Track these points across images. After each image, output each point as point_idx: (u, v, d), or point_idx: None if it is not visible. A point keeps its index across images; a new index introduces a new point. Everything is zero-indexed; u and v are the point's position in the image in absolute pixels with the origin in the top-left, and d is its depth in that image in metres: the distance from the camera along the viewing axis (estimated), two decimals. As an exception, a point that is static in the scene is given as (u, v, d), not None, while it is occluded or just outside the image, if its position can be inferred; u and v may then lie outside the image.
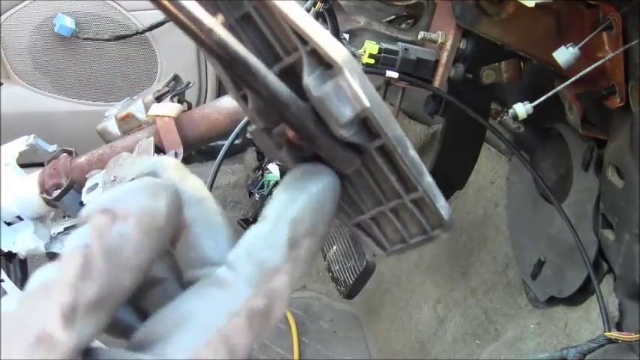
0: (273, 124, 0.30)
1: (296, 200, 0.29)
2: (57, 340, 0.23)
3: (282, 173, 1.73)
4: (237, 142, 2.04)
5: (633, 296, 1.00)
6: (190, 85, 1.44)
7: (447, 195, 1.37)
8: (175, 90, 1.39)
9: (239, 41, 0.27)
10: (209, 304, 0.26)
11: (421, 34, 1.02)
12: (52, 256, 1.42)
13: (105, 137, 1.39)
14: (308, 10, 1.14)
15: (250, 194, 2.05)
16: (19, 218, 1.40)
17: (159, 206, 0.26)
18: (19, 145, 1.41)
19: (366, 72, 0.38)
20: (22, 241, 1.40)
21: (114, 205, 0.26)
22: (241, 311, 0.26)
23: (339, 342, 1.86)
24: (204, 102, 2.05)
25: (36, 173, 1.41)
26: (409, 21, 1.26)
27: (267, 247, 0.28)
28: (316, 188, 0.29)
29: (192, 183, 0.30)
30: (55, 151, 1.44)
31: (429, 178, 0.32)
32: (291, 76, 0.29)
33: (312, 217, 0.29)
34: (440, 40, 1.01)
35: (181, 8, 0.25)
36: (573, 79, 0.90)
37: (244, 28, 0.30)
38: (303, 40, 0.28)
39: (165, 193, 0.27)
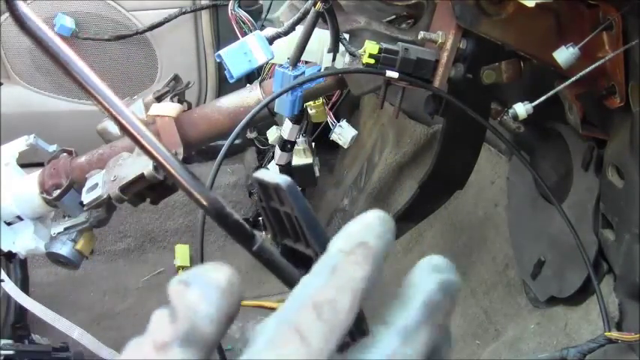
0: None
1: None
2: None
3: (282, 173, 1.73)
4: (237, 142, 2.04)
5: (633, 296, 1.00)
6: (190, 85, 1.44)
7: (447, 195, 1.37)
8: (175, 90, 1.39)
9: None
10: None
11: (421, 34, 1.01)
12: (52, 257, 1.42)
13: (105, 137, 1.39)
14: (308, 11, 1.14)
15: (250, 194, 2.06)
16: (19, 218, 1.40)
17: None
18: (19, 145, 1.41)
19: (366, 72, 0.40)
20: (22, 241, 1.40)
21: None
22: None
23: (339, 342, 1.86)
24: (204, 102, 2.05)
25: (36, 173, 1.41)
26: (409, 21, 1.26)
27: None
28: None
29: None
30: (55, 151, 1.44)
31: None
32: None
33: None
34: (440, 40, 1.01)
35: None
36: (573, 79, 0.90)
37: None
38: None
39: None
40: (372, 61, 1.01)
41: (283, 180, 0.37)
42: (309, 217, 0.39)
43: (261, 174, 0.38)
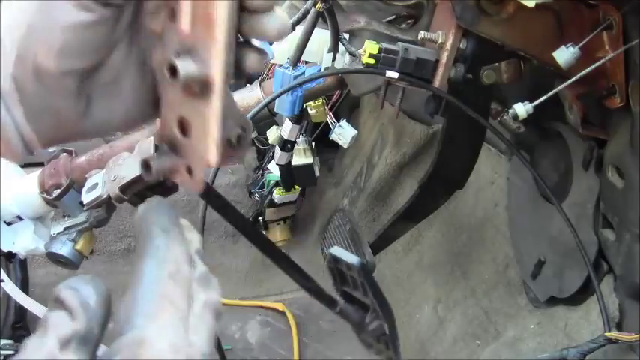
0: None
1: None
2: None
3: (282, 173, 1.73)
4: (237, 142, 2.04)
5: (633, 296, 1.00)
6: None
7: (447, 195, 1.37)
8: (175, 90, 1.39)
9: None
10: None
11: (421, 34, 1.01)
12: (52, 257, 1.42)
13: (105, 137, 1.39)
14: (308, 11, 1.14)
15: (250, 194, 2.05)
16: (19, 218, 1.40)
17: None
18: (19, 145, 1.41)
19: (366, 72, 0.41)
20: (22, 241, 1.40)
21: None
22: None
23: (339, 342, 1.86)
24: (204, 102, 2.05)
25: (36, 173, 1.41)
26: (409, 21, 1.26)
27: None
28: None
29: None
30: (55, 151, 1.44)
31: None
32: None
33: None
34: (440, 40, 1.00)
35: None
36: (573, 79, 0.90)
37: None
38: None
39: None
40: (372, 61, 1.01)
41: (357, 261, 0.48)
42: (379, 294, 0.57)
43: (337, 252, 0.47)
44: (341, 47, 1.21)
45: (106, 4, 0.39)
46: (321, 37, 1.27)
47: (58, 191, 1.35)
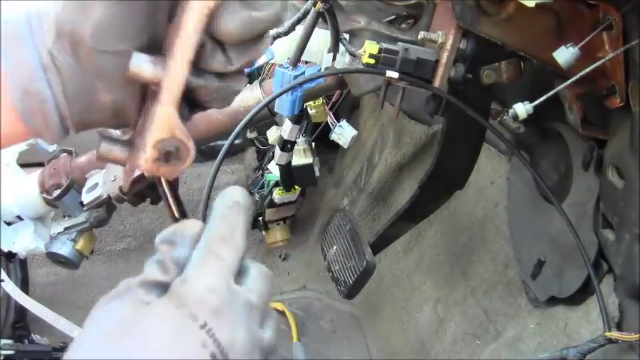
0: None
1: None
2: None
3: (282, 173, 1.73)
4: (237, 142, 2.04)
5: (633, 296, 1.00)
6: (190, 85, 1.44)
7: (447, 195, 1.37)
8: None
9: None
10: None
11: (421, 34, 1.01)
12: (52, 257, 1.43)
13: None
14: (308, 11, 1.14)
15: (250, 194, 2.06)
16: (19, 218, 1.40)
17: None
18: (19, 145, 1.41)
19: (366, 72, 0.41)
20: (22, 241, 1.40)
21: None
22: None
23: (339, 342, 1.86)
24: (204, 102, 2.05)
25: (36, 173, 1.41)
26: (409, 21, 1.26)
27: None
28: None
29: None
30: (55, 151, 1.44)
31: None
32: None
33: None
34: (440, 40, 1.01)
35: None
36: (573, 79, 0.90)
37: None
38: None
39: None
40: (372, 61, 1.01)
41: None
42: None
43: None
44: (341, 47, 1.21)
45: None
46: (321, 37, 1.27)
47: (58, 191, 1.35)
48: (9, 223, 1.40)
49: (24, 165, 1.44)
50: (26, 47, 0.42)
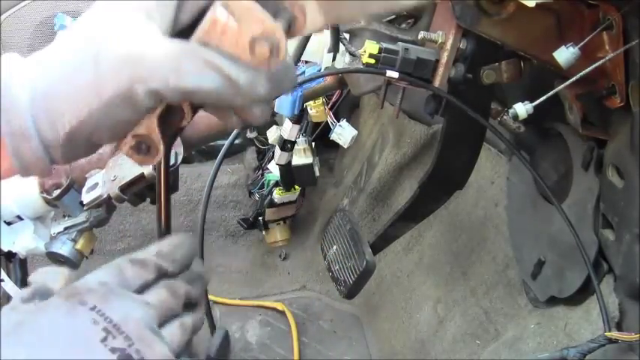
0: None
1: None
2: None
3: (282, 173, 1.73)
4: (237, 141, 2.04)
5: (633, 296, 1.00)
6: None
7: (447, 195, 1.37)
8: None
9: None
10: None
11: (421, 34, 1.01)
12: (52, 256, 1.42)
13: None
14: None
15: (250, 194, 2.06)
16: (19, 218, 1.40)
17: None
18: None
19: (366, 72, 0.42)
20: (22, 241, 1.40)
21: None
22: None
23: (339, 342, 1.86)
24: (204, 102, 2.05)
25: (36, 173, 1.41)
26: (409, 21, 1.26)
27: None
28: None
29: None
30: (55, 151, 1.44)
31: None
32: None
33: None
34: (440, 40, 1.00)
35: None
36: (573, 79, 0.90)
37: None
38: None
39: None
40: (372, 61, 1.01)
41: None
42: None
43: None
44: (341, 47, 1.21)
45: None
46: (321, 37, 1.27)
47: (58, 191, 1.35)
48: (9, 223, 1.40)
49: (24, 165, 1.44)
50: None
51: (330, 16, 0.46)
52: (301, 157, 1.67)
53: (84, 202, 1.33)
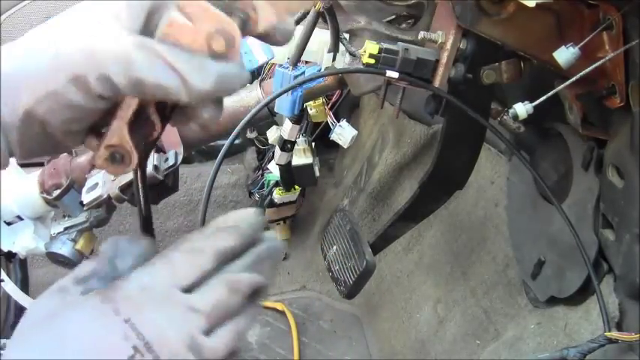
0: None
1: None
2: None
3: (282, 173, 1.73)
4: (237, 142, 2.04)
5: (633, 296, 1.00)
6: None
7: (447, 195, 1.37)
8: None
9: None
10: None
11: (421, 34, 1.01)
12: (52, 257, 1.42)
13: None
14: (308, 10, 1.14)
15: (250, 194, 2.06)
16: (19, 218, 1.40)
17: None
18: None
19: (366, 72, 0.42)
20: (22, 241, 1.40)
21: None
22: None
23: (339, 342, 1.86)
24: (204, 102, 2.04)
25: (36, 173, 1.41)
26: (409, 21, 1.26)
27: None
28: None
29: None
30: (55, 151, 1.44)
31: None
32: None
33: None
34: (440, 40, 1.00)
35: None
36: (573, 79, 0.90)
37: None
38: None
39: None
40: (372, 61, 1.01)
41: None
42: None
43: None
44: (341, 47, 1.21)
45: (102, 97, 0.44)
46: (321, 37, 1.27)
47: (58, 191, 1.35)
48: (9, 223, 1.40)
49: (24, 165, 1.44)
50: None
51: (280, 9, 0.48)
52: (301, 157, 1.67)
53: (84, 202, 1.33)
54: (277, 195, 1.89)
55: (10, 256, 1.41)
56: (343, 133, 1.60)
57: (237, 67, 0.46)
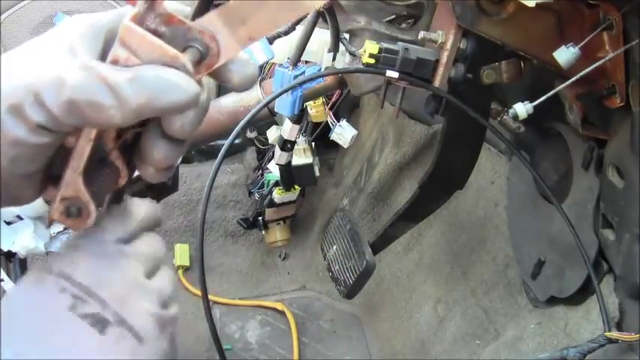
0: None
1: None
2: None
3: (282, 173, 1.73)
4: (237, 141, 2.04)
5: (633, 296, 1.00)
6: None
7: (447, 195, 1.37)
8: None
9: None
10: None
11: (421, 34, 1.01)
12: (51, 256, 1.42)
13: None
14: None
15: (250, 194, 2.05)
16: (19, 218, 1.40)
17: None
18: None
19: (366, 72, 0.41)
20: (22, 240, 1.40)
21: None
22: None
23: (339, 342, 1.86)
24: (204, 102, 2.04)
25: (36, 173, 1.41)
26: (409, 21, 1.26)
27: None
28: None
29: None
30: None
31: None
32: None
33: None
34: (440, 40, 1.00)
35: None
36: (573, 79, 0.90)
37: None
38: None
39: None
40: (372, 60, 1.01)
41: None
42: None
43: None
44: (341, 47, 1.21)
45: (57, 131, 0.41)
46: (321, 37, 1.27)
47: (58, 191, 1.35)
48: (9, 223, 1.40)
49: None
50: None
51: (242, 38, 0.44)
52: (301, 157, 1.67)
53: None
54: (277, 195, 1.89)
55: (10, 255, 1.41)
56: (343, 132, 1.60)
57: (181, 76, 0.41)
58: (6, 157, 0.41)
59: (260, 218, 1.98)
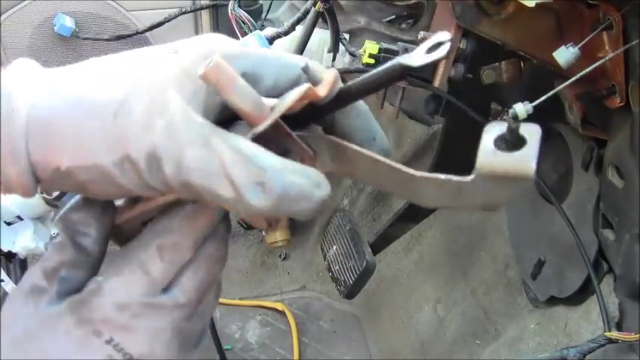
0: None
1: None
2: None
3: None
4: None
5: (633, 296, 1.00)
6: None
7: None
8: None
9: None
10: None
11: (421, 34, 1.01)
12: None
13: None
14: (308, 11, 1.14)
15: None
16: (19, 218, 1.40)
17: None
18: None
19: (366, 72, 0.40)
20: (22, 241, 1.40)
21: None
22: None
23: (339, 342, 1.86)
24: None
25: (36, 173, 1.41)
26: (409, 21, 1.26)
27: None
28: None
29: None
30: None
31: None
32: None
33: None
34: (440, 40, 1.00)
35: None
36: (573, 79, 0.90)
37: None
38: None
39: None
40: (372, 61, 1.01)
41: None
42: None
43: None
44: (341, 47, 1.21)
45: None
46: (321, 37, 1.27)
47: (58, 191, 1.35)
48: (9, 223, 1.40)
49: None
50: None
51: (340, 172, 0.42)
52: (301, 157, 1.67)
53: (84, 202, 1.32)
54: (277, 195, 1.89)
55: (10, 256, 1.41)
56: (343, 133, 1.60)
57: (310, 184, 0.37)
58: (102, 192, 0.39)
59: (260, 218, 1.98)
